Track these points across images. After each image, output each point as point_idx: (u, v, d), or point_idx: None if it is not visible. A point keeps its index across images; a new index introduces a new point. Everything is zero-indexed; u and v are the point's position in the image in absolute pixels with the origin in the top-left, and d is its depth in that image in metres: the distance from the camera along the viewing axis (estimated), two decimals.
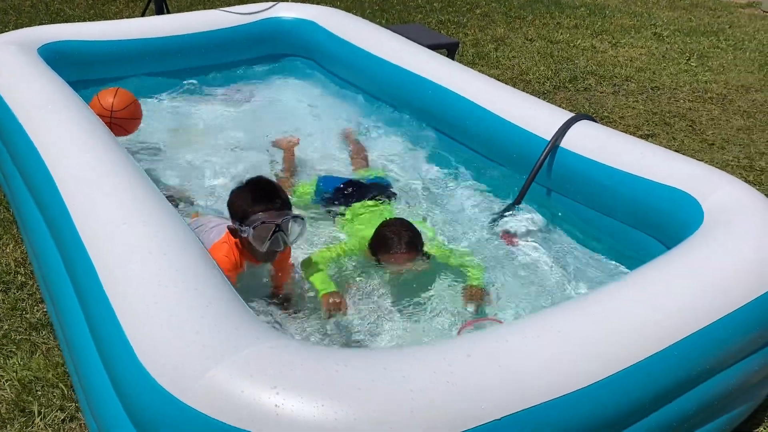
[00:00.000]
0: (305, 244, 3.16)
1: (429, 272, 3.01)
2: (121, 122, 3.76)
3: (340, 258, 3.01)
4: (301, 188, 3.63)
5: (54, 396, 2.58)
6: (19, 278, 3.21)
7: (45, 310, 3.00)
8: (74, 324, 2.34)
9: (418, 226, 3.03)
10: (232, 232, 2.68)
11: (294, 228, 2.68)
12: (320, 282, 2.83)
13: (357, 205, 3.37)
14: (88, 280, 2.23)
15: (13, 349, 2.79)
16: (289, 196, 3.51)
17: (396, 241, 2.87)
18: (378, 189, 3.52)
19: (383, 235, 2.93)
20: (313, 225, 3.35)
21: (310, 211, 3.44)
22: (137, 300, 2.01)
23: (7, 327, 2.90)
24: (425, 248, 3.00)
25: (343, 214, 3.38)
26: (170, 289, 2.00)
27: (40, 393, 2.59)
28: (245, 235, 2.60)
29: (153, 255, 2.14)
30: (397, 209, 3.47)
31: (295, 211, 2.77)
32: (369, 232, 3.02)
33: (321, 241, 3.26)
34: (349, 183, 3.54)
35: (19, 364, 2.72)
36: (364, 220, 3.26)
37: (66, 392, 2.59)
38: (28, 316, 2.98)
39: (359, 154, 4.04)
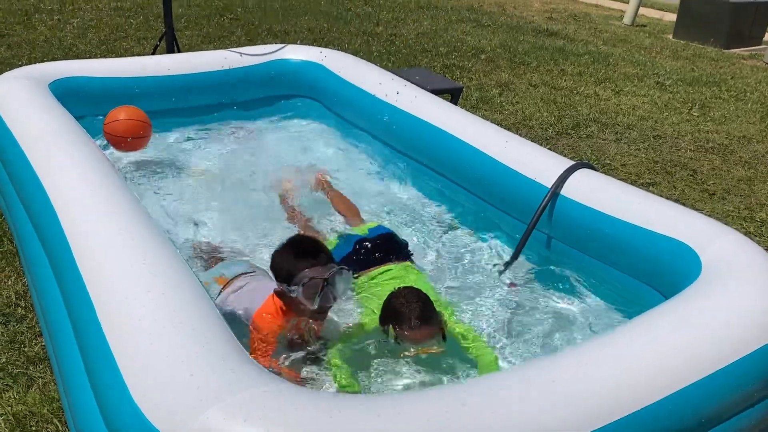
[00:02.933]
0: None
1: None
2: (108, 137, 4.07)
3: (356, 337, 2.84)
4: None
5: None
6: (20, 311, 3.22)
7: (43, 344, 3.00)
8: (70, 360, 2.34)
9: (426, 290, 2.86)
10: (279, 294, 2.64)
11: (340, 281, 2.62)
12: (344, 378, 2.60)
13: (363, 279, 3.16)
14: (85, 316, 2.24)
15: (10, 383, 2.79)
16: None
17: (407, 316, 2.67)
18: (387, 247, 3.30)
19: (393, 307, 2.74)
20: None
21: None
22: (134, 338, 2.02)
23: (4, 360, 2.91)
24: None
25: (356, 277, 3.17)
26: (167, 328, 2.01)
27: (34, 428, 2.58)
28: (294, 295, 2.56)
29: (152, 294, 2.16)
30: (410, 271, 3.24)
31: None
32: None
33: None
34: (360, 244, 3.29)
35: (15, 398, 2.71)
36: (376, 293, 3.03)
37: (60, 428, 2.58)
38: (26, 349, 2.98)
39: (349, 210, 3.82)
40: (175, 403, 1.78)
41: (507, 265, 3.45)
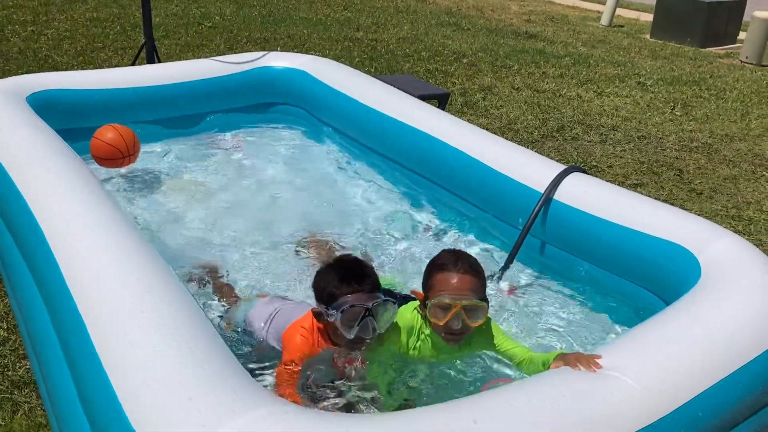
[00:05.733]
0: None
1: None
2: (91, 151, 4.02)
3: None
4: None
5: None
6: (2, 333, 3.11)
7: (28, 367, 2.90)
8: (60, 384, 2.25)
9: None
10: (317, 315, 2.47)
11: (384, 313, 2.42)
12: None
13: None
14: (77, 339, 2.15)
15: None
16: None
17: (453, 262, 2.46)
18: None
19: (439, 260, 2.52)
20: None
21: None
22: (129, 361, 1.94)
23: None
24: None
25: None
26: (164, 350, 1.93)
27: None
28: (332, 320, 2.37)
29: (146, 314, 2.08)
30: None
31: None
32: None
33: None
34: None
35: (0, 424, 2.61)
36: None
37: None
38: (10, 373, 2.88)
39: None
40: (175, 428, 1.71)
41: (501, 271, 3.41)
